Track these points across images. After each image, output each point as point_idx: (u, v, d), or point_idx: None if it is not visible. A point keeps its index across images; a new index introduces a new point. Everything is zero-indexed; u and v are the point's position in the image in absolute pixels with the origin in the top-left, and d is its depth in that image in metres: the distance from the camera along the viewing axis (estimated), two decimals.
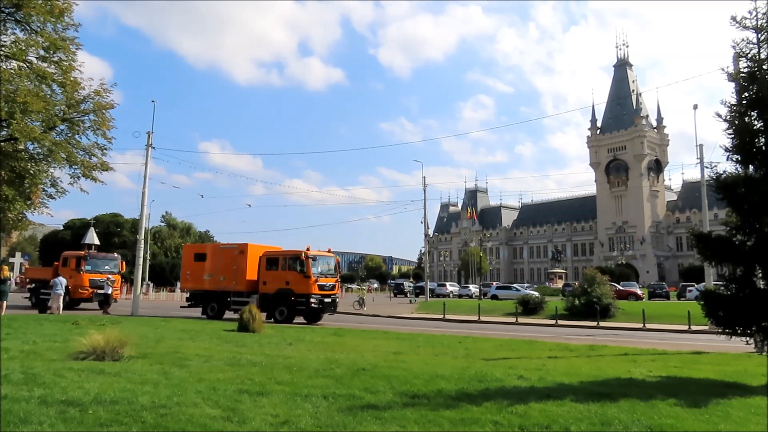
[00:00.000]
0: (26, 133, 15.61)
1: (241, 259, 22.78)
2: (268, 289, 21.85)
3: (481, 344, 13.74)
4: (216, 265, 23.44)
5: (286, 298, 21.39)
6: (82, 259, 27.56)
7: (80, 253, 28.84)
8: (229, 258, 23.22)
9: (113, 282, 26.92)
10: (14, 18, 16.01)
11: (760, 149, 8.48)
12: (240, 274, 22.61)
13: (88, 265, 27.43)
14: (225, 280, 22.91)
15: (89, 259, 28.07)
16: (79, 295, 26.60)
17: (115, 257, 30.52)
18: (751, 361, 11.37)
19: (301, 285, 21.21)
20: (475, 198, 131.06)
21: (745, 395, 7.15)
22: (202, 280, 23.61)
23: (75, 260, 27.67)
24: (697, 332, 20.15)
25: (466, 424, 5.27)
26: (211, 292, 23.15)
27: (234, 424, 4.97)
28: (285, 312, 21.37)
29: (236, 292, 22.56)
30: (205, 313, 23.15)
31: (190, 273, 24.60)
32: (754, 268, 8.45)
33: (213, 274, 23.37)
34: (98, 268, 27.79)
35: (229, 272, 22.88)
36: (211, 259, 23.81)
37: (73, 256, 28.42)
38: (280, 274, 21.77)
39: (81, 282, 26.73)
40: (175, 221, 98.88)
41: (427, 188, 44.50)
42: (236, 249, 23.42)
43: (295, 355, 10.23)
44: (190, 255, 25.25)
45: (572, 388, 7.22)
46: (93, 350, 8.51)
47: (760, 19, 8.49)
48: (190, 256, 25.18)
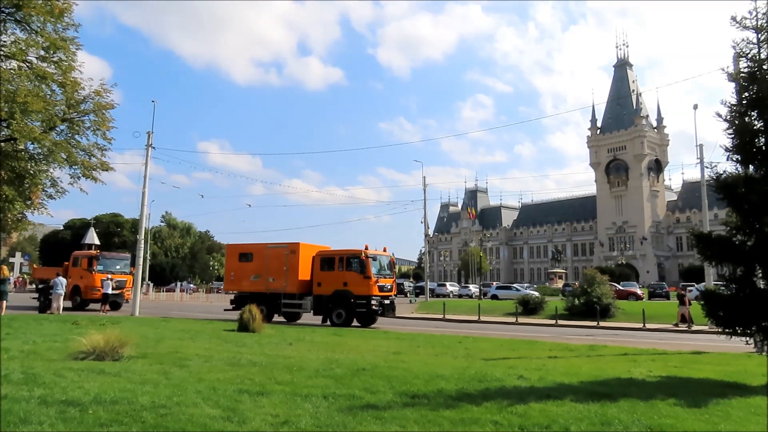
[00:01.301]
0: (26, 133, 15.62)
1: (292, 260, 21.75)
2: (324, 290, 20.95)
3: (481, 344, 13.75)
4: (263, 266, 22.35)
5: (344, 300, 20.46)
6: (93, 259, 27.13)
7: (92, 253, 28.37)
8: (279, 258, 22.12)
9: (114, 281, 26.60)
10: (14, 18, 16.01)
11: (760, 149, 8.49)
12: (291, 275, 21.59)
13: (99, 265, 26.97)
14: (274, 282, 21.87)
15: (101, 258, 27.61)
16: (91, 295, 26.23)
17: (126, 257, 30.11)
18: (751, 361, 11.37)
19: (360, 286, 20.32)
20: (475, 198, 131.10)
21: (745, 395, 7.15)
22: (248, 281, 22.60)
23: (87, 260, 27.21)
24: (697, 332, 20.16)
25: (466, 424, 5.27)
26: (259, 294, 21.86)
27: (234, 424, 4.97)
28: (343, 315, 20.42)
29: (288, 294, 21.62)
30: None
31: (234, 274, 23.54)
32: (754, 268, 8.45)
33: (260, 275, 22.29)
34: (110, 268, 27.32)
35: (279, 273, 21.86)
36: (258, 260, 22.75)
37: (84, 256, 27.94)
38: (336, 274, 20.86)
39: (93, 282, 26.31)
40: (175, 221, 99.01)
41: (426, 188, 44.51)
42: (287, 248, 22.30)
43: (295, 355, 10.23)
44: (234, 255, 24.09)
45: (572, 388, 7.22)
46: (93, 350, 8.51)
47: (760, 19, 8.49)
48: (234, 256, 24.03)
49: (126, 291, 27.58)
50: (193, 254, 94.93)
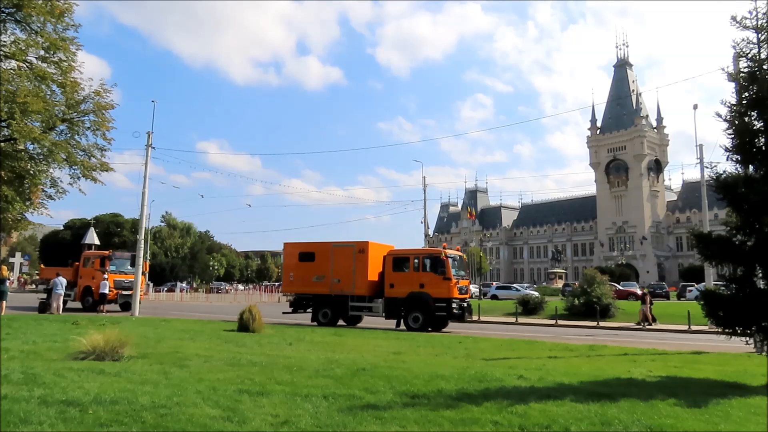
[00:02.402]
0: (26, 134, 15.64)
1: (361, 260, 20.50)
2: (397, 292, 19.70)
3: (481, 344, 13.74)
4: (328, 266, 21.06)
5: (421, 302, 19.26)
6: (106, 259, 26.75)
7: (104, 253, 27.96)
8: (346, 258, 20.84)
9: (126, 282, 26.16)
10: (14, 18, 16.04)
11: (760, 149, 8.48)
12: (360, 276, 20.36)
13: (112, 265, 26.59)
14: (340, 283, 20.63)
15: (114, 259, 27.25)
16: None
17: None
18: (751, 361, 11.38)
19: (439, 288, 19.12)
20: (475, 198, 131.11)
21: (745, 395, 7.15)
22: (310, 282, 21.31)
23: (99, 260, 26.83)
24: (697, 332, 20.16)
25: (466, 424, 5.27)
26: (323, 297, 20.89)
27: (234, 424, 4.96)
28: (420, 319, 19.18)
29: (356, 296, 20.44)
30: (316, 319, 20.91)
31: (294, 275, 22.16)
32: (754, 268, 8.45)
33: (324, 276, 21.04)
34: (121, 268, 26.96)
35: (346, 274, 20.61)
36: (322, 260, 21.40)
37: (96, 256, 27.58)
38: (412, 275, 19.73)
39: None
40: (175, 221, 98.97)
41: (426, 188, 44.50)
42: (354, 248, 20.95)
43: (295, 355, 10.23)
44: (294, 255, 22.58)
45: (572, 388, 7.22)
46: (93, 350, 8.50)
47: (760, 19, 8.49)
48: (294, 256, 22.55)
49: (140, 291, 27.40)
50: (193, 254, 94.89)
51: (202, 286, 79.10)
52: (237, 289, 74.74)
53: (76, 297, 26.77)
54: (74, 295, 26.80)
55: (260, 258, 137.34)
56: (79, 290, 26.76)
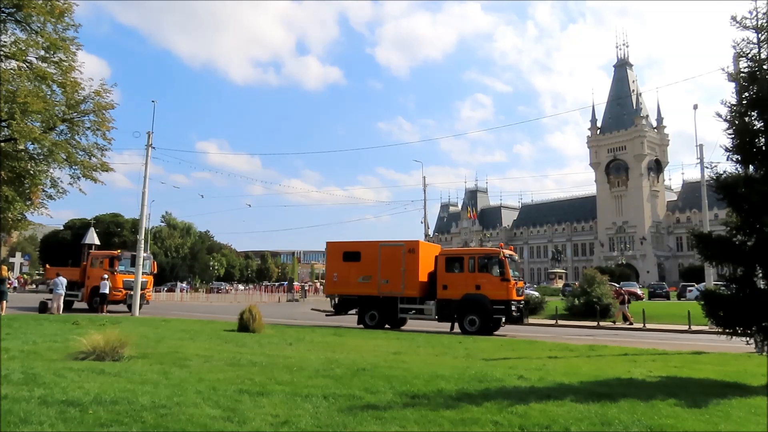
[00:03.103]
0: (26, 134, 15.64)
1: (411, 260, 19.67)
2: (451, 294, 18.78)
3: (481, 344, 13.74)
4: (374, 267, 20.19)
5: (478, 305, 18.37)
6: (115, 259, 26.34)
7: (113, 253, 27.50)
8: (394, 258, 19.99)
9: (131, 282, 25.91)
10: (14, 18, 16.03)
11: (760, 149, 8.48)
12: (410, 277, 19.53)
13: (121, 265, 26.17)
14: (389, 284, 19.78)
15: (123, 259, 26.80)
16: (112, 297, 25.23)
17: (147, 256, 29.13)
18: (751, 361, 11.38)
19: (497, 290, 18.28)
20: (475, 198, 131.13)
21: (745, 395, 7.15)
22: (355, 283, 20.48)
23: (108, 260, 26.38)
24: (697, 332, 20.16)
25: (466, 424, 5.27)
26: (370, 298, 20.05)
27: (234, 424, 4.96)
28: (477, 321, 18.25)
29: (406, 297, 19.56)
30: (362, 321, 20.07)
31: (337, 275, 21.22)
32: (755, 268, 8.45)
33: (370, 276, 20.20)
34: (131, 269, 26.34)
35: (395, 275, 19.76)
36: (368, 260, 20.52)
37: (105, 256, 27.08)
38: (467, 276, 18.82)
39: (115, 283, 25.44)
40: (175, 221, 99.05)
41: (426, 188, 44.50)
42: (403, 247, 20.17)
43: (295, 355, 10.22)
44: (338, 254, 21.62)
45: (572, 388, 7.22)
46: (93, 350, 8.50)
47: (760, 19, 8.49)
48: (338, 255, 21.59)
49: (147, 292, 27.07)
50: (193, 254, 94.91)
51: (202, 286, 79.16)
52: (237, 289, 74.71)
53: (84, 297, 26.26)
54: (81, 295, 26.33)
55: (260, 258, 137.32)
56: (86, 291, 26.28)
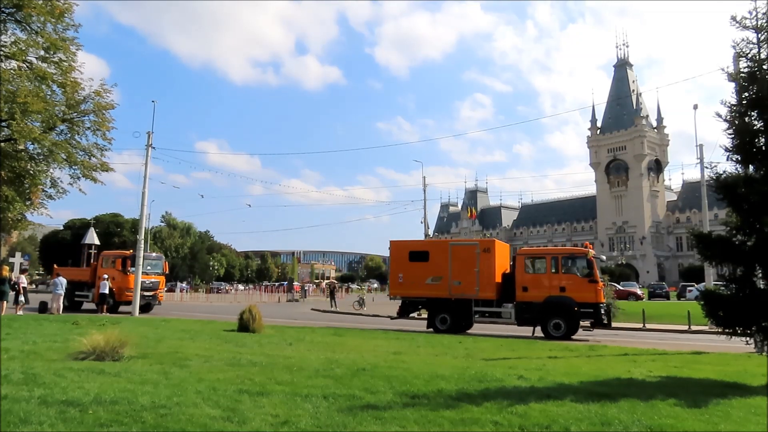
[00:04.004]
0: (26, 134, 15.66)
1: (486, 260, 18.62)
2: (532, 296, 17.71)
3: (481, 344, 13.73)
4: (445, 267, 19.12)
5: (563, 308, 17.26)
6: (128, 260, 25.78)
7: (125, 253, 27.00)
8: (467, 258, 18.97)
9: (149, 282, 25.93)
10: (14, 18, 16.05)
11: (760, 149, 8.48)
12: (485, 278, 18.45)
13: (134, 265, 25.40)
14: (462, 285, 18.70)
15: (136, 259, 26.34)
16: (125, 297, 24.90)
17: (159, 257, 29.16)
18: (751, 361, 11.37)
19: (584, 292, 17.18)
20: (475, 198, 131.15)
21: (745, 395, 7.15)
22: (423, 285, 19.34)
23: (121, 261, 25.94)
24: (697, 332, 20.15)
25: (466, 424, 5.27)
26: (440, 300, 19.03)
27: (234, 424, 4.96)
28: (562, 326, 17.14)
29: (481, 300, 18.51)
30: (432, 325, 19.09)
31: (403, 276, 20.02)
32: (754, 268, 8.45)
33: (441, 277, 19.09)
34: (144, 269, 25.95)
35: (468, 275, 18.68)
36: (438, 260, 19.50)
37: (117, 257, 26.56)
38: (550, 277, 17.77)
39: (127, 284, 24.96)
40: (175, 221, 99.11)
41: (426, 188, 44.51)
42: (477, 246, 19.25)
43: (295, 355, 10.22)
44: (403, 254, 20.47)
45: (572, 388, 7.22)
46: (93, 350, 8.50)
47: (760, 19, 8.49)
48: (403, 255, 20.43)
49: (159, 292, 26.86)
50: (193, 254, 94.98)
51: (202, 286, 79.15)
52: (237, 289, 74.72)
53: (94, 298, 25.67)
54: (92, 296, 25.92)
55: (260, 258, 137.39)
56: (97, 291, 25.49)
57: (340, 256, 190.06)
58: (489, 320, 18.97)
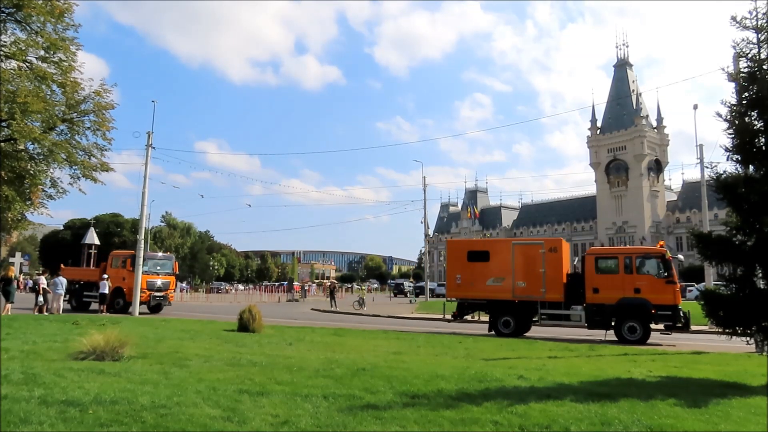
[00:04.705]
0: (26, 134, 15.66)
1: (553, 260, 17.91)
2: (603, 298, 16.81)
3: (481, 344, 13.74)
4: (508, 267, 18.43)
5: (638, 310, 16.39)
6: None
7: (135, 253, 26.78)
8: (532, 258, 18.32)
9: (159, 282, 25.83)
10: (14, 18, 16.05)
11: (760, 149, 8.48)
12: (552, 280, 17.76)
13: (144, 265, 25.30)
14: (526, 287, 18.05)
15: (146, 259, 25.95)
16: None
17: (169, 257, 28.97)
18: (751, 361, 11.37)
19: (661, 293, 16.36)
20: (475, 198, 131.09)
21: (745, 395, 7.15)
22: (483, 286, 18.63)
23: (131, 260, 25.35)
24: (697, 332, 20.12)
25: (466, 424, 5.27)
26: (503, 303, 18.30)
27: (234, 424, 4.97)
28: (638, 329, 16.29)
29: (548, 302, 17.80)
30: (495, 328, 18.29)
31: (462, 277, 19.17)
32: (754, 268, 8.45)
33: (503, 278, 18.42)
34: (153, 269, 26.08)
35: (533, 276, 18.03)
36: (499, 260, 18.83)
37: (128, 257, 25.84)
38: (623, 278, 16.80)
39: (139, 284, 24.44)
40: (175, 221, 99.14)
41: (426, 188, 44.51)
42: (542, 246, 18.58)
43: (295, 355, 10.22)
44: (461, 254, 19.80)
45: (572, 388, 7.22)
46: (93, 350, 8.51)
47: (760, 19, 8.48)
48: (461, 255, 19.74)
49: (170, 293, 26.68)
50: (193, 254, 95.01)
51: (202, 286, 79.17)
52: (237, 289, 74.78)
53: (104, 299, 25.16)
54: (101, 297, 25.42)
55: (260, 258, 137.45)
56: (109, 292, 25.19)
57: (340, 256, 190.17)
58: (554, 323, 18.40)
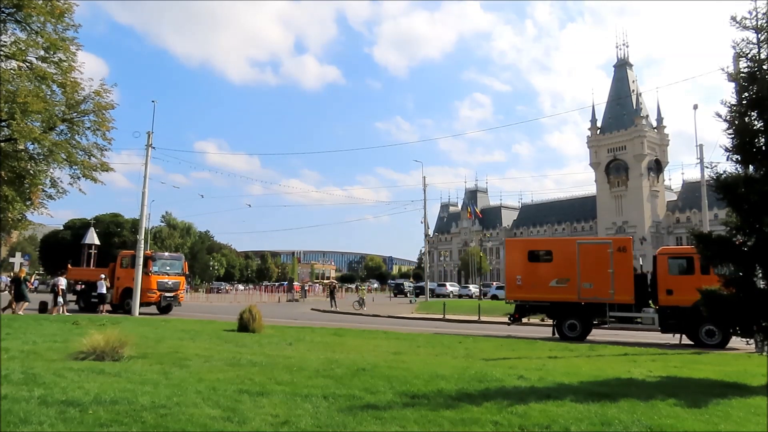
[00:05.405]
0: (26, 134, 15.66)
1: (622, 260, 17.30)
2: (678, 300, 15.98)
3: (481, 344, 13.74)
4: (572, 268, 17.72)
5: None
6: (149, 260, 25.29)
7: (146, 253, 26.20)
8: (600, 258, 17.57)
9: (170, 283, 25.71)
10: (14, 18, 16.05)
11: (760, 149, 8.48)
12: (621, 280, 17.08)
13: (155, 266, 25.41)
14: (593, 288, 17.37)
15: (156, 259, 26.12)
16: (146, 299, 24.51)
17: (179, 257, 28.87)
18: (751, 361, 11.37)
19: None
20: (475, 198, 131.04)
21: (745, 395, 7.15)
22: (545, 287, 18.02)
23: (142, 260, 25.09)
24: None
25: (466, 424, 5.27)
26: (567, 305, 17.66)
27: (234, 424, 4.97)
28: (716, 333, 15.67)
29: (617, 304, 17.16)
30: (560, 331, 17.68)
31: (522, 278, 18.58)
32: (754, 268, 8.45)
33: (567, 279, 17.72)
34: (163, 269, 25.93)
35: (600, 277, 17.31)
36: (563, 260, 18.09)
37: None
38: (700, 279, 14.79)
39: (148, 285, 24.61)
40: (175, 221, 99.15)
41: (426, 188, 44.50)
42: (609, 245, 17.85)
43: (295, 355, 10.22)
44: (521, 254, 19.18)
45: (572, 388, 7.22)
46: (93, 350, 8.50)
47: (760, 19, 8.48)
48: (521, 255, 19.14)
49: (180, 293, 26.58)
50: (193, 254, 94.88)
51: (202, 286, 79.15)
52: (237, 289, 74.74)
53: (114, 299, 25.43)
54: (110, 297, 25.44)
55: (260, 258, 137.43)
56: (117, 292, 25.42)
57: (340, 256, 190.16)
58: (623, 326, 17.84)
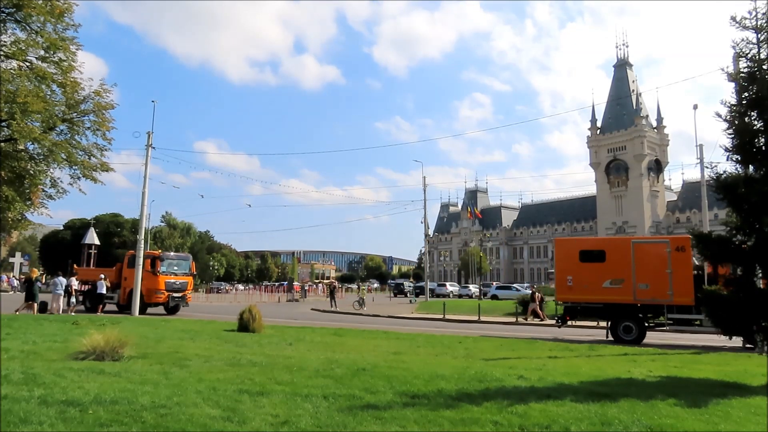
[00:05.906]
0: (26, 134, 15.66)
1: (680, 260, 16.61)
2: None
3: (481, 344, 13.74)
4: (627, 268, 17.14)
5: None
6: (157, 260, 25.08)
7: (154, 253, 26.26)
8: (656, 258, 17.04)
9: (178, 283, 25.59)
10: (14, 18, 16.04)
11: (760, 149, 8.48)
12: (680, 281, 16.45)
13: (163, 266, 25.16)
14: (650, 289, 16.83)
15: (165, 259, 25.85)
16: (154, 299, 24.37)
17: (187, 257, 28.61)
18: (751, 361, 11.38)
19: None
20: (475, 198, 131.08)
21: (745, 395, 7.16)
22: (598, 288, 17.38)
23: (150, 261, 24.88)
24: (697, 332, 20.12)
25: (466, 424, 5.27)
26: (621, 307, 17.14)
27: (234, 424, 4.97)
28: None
29: (676, 306, 16.55)
30: (614, 334, 17.10)
31: (573, 279, 17.89)
32: (754, 268, 8.46)
33: (622, 280, 17.14)
34: (171, 270, 25.68)
35: (658, 278, 16.74)
36: (617, 260, 17.45)
37: (146, 257, 25.10)
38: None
39: (156, 285, 24.42)
40: (175, 221, 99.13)
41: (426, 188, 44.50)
42: (667, 245, 17.18)
43: (295, 355, 10.22)
44: (572, 254, 18.42)
45: (572, 388, 7.22)
46: (93, 350, 8.50)
47: (760, 19, 8.48)
48: (572, 255, 18.37)
49: (188, 293, 26.44)
50: (193, 254, 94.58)
51: (202, 286, 79.12)
52: (237, 289, 74.76)
53: (121, 300, 25.10)
54: (117, 297, 25.26)
55: (260, 258, 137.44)
56: (123, 293, 25.07)
57: (340, 256, 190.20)
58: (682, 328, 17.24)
